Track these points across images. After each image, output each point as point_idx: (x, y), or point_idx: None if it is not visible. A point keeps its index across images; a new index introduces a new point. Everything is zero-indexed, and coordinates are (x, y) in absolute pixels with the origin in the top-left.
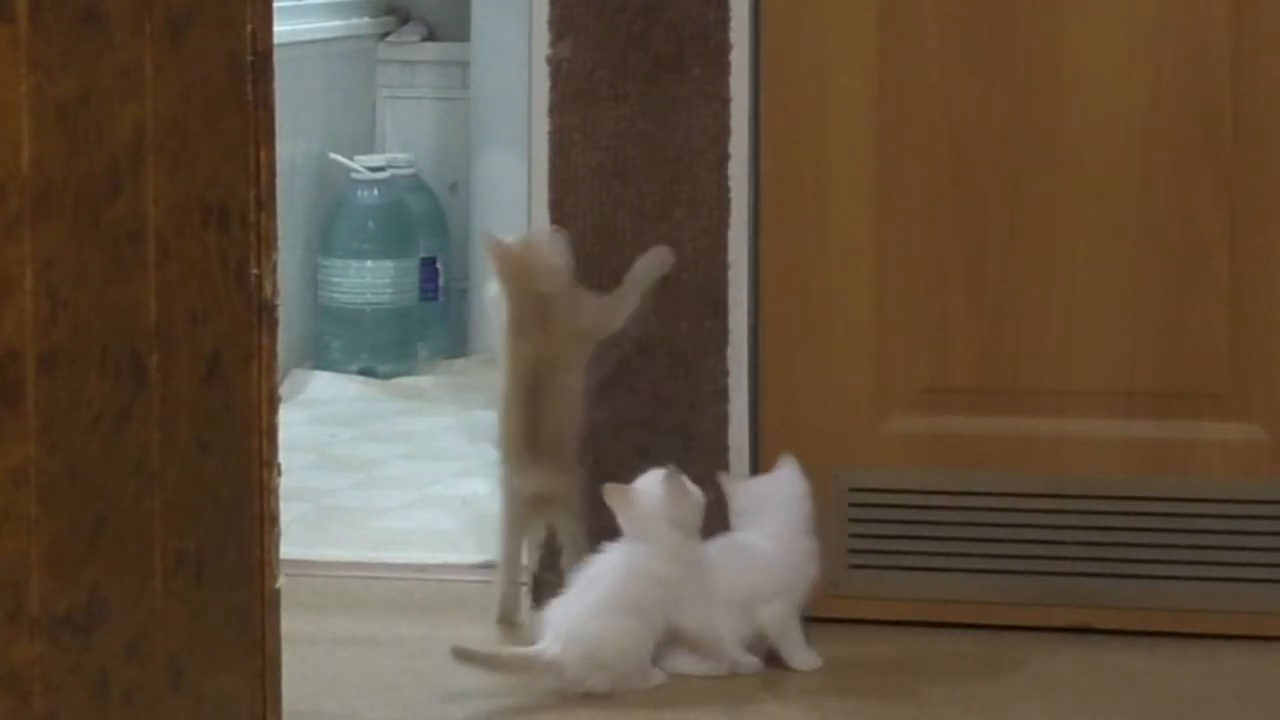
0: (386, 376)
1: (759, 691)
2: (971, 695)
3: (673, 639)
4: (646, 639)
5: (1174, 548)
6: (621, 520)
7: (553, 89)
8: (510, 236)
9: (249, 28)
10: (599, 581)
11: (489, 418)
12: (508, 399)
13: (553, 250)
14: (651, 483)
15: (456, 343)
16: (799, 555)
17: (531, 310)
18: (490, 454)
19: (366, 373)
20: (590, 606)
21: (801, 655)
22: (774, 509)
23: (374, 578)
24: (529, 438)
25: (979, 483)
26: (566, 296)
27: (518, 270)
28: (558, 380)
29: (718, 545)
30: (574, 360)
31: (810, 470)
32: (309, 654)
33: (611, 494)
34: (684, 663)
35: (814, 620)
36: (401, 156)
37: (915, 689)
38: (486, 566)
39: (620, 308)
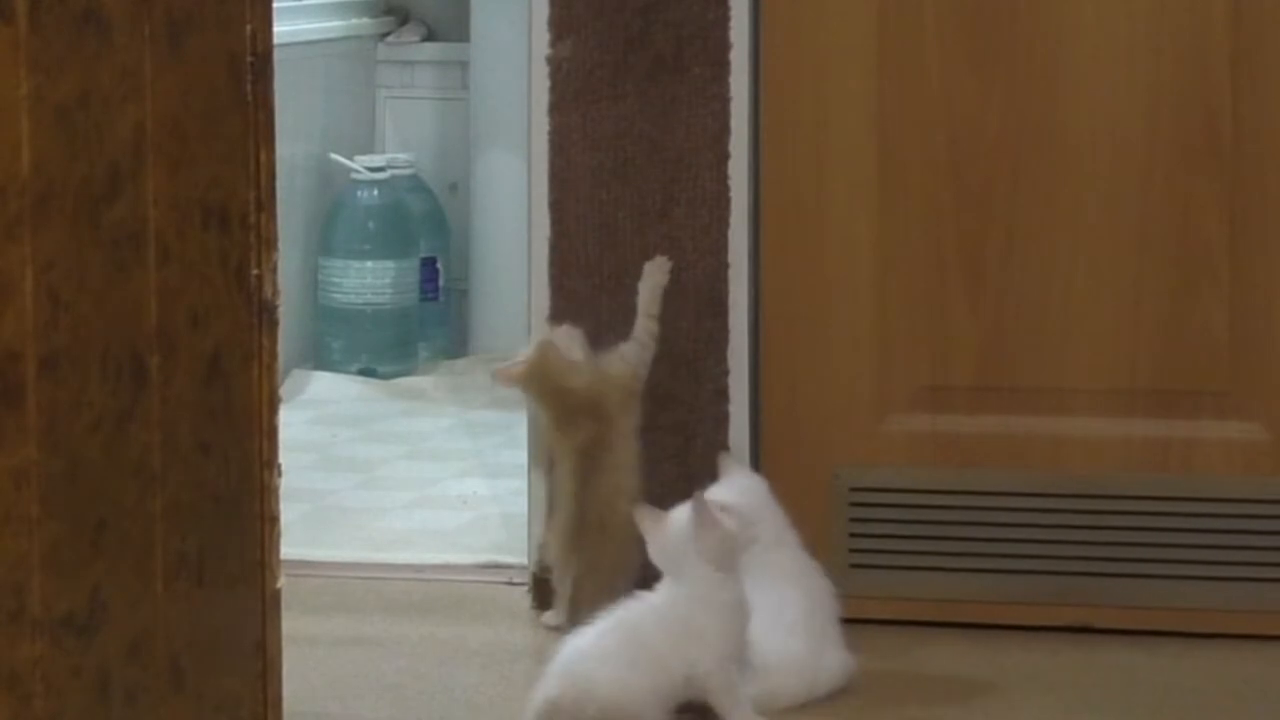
0: (387, 377)
1: None
2: (971, 695)
3: (691, 685)
4: (648, 696)
5: (1175, 546)
6: (650, 547)
7: (553, 89)
8: (518, 356)
9: (249, 28)
10: (617, 630)
11: (489, 417)
12: (558, 490)
13: (566, 348)
14: (685, 513)
15: (456, 343)
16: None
17: (566, 405)
18: (489, 455)
19: (367, 373)
20: (599, 654)
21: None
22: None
23: (374, 578)
24: (575, 526)
25: (980, 481)
26: (595, 378)
27: (538, 381)
28: (608, 458)
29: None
30: (626, 428)
31: (811, 469)
32: (310, 655)
33: (643, 518)
34: None
35: None
36: (401, 156)
37: (915, 688)
38: (486, 567)
39: (646, 342)
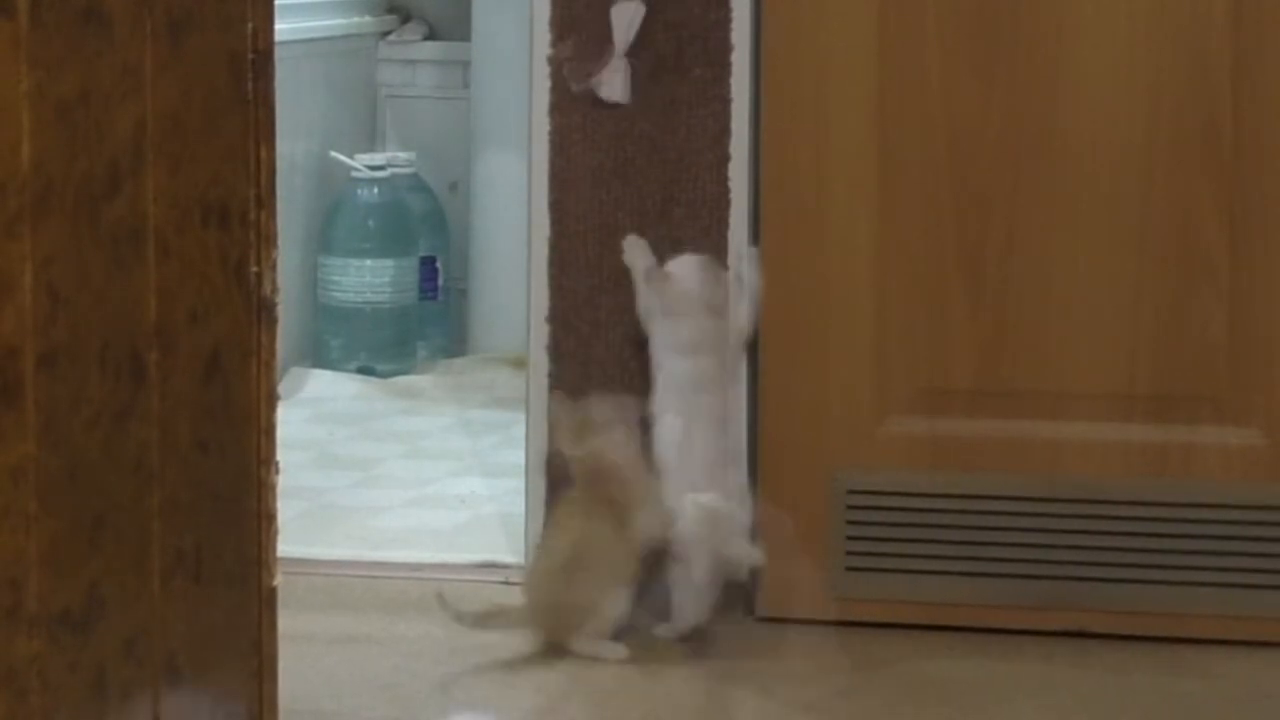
0: (385, 375)
1: (751, 692)
2: (968, 698)
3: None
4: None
5: (1171, 552)
6: (659, 303)
7: (553, 89)
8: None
9: (250, 26)
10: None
11: (487, 417)
12: (543, 566)
13: (630, 462)
14: (685, 266)
15: (456, 342)
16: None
17: (609, 507)
18: (490, 455)
19: (365, 371)
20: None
21: None
22: None
23: (372, 577)
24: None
25: (978, 485)
26: (651, 506)
27: (600, 481)
28: (600, 555)
29: None
30: (631, 555)
31: (809, 472)
32: (306, 652)
33: (651, 278)
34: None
35: (811, 623)
36: (401, 156)
37: (911, 692)
38: (484, 566)
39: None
